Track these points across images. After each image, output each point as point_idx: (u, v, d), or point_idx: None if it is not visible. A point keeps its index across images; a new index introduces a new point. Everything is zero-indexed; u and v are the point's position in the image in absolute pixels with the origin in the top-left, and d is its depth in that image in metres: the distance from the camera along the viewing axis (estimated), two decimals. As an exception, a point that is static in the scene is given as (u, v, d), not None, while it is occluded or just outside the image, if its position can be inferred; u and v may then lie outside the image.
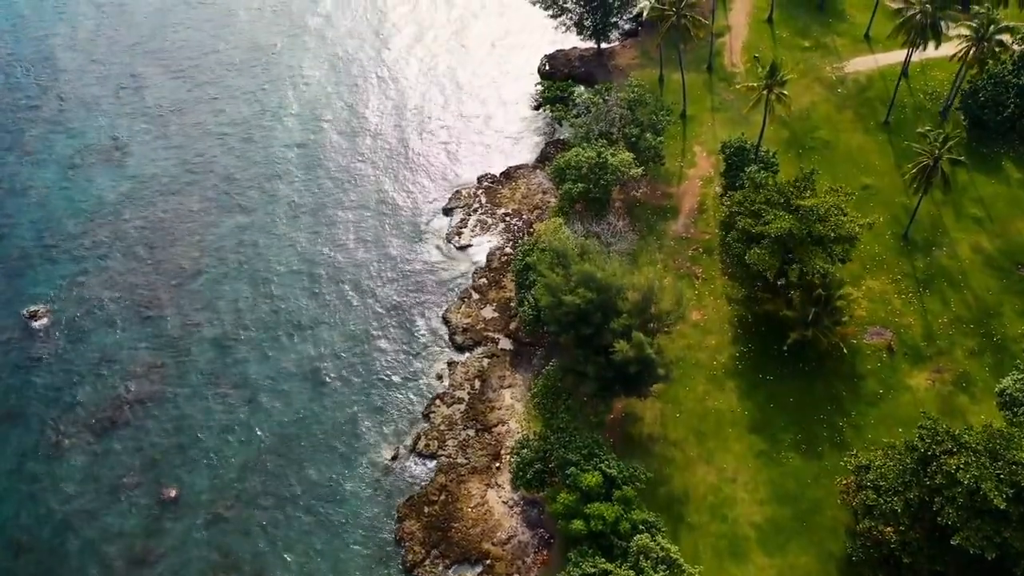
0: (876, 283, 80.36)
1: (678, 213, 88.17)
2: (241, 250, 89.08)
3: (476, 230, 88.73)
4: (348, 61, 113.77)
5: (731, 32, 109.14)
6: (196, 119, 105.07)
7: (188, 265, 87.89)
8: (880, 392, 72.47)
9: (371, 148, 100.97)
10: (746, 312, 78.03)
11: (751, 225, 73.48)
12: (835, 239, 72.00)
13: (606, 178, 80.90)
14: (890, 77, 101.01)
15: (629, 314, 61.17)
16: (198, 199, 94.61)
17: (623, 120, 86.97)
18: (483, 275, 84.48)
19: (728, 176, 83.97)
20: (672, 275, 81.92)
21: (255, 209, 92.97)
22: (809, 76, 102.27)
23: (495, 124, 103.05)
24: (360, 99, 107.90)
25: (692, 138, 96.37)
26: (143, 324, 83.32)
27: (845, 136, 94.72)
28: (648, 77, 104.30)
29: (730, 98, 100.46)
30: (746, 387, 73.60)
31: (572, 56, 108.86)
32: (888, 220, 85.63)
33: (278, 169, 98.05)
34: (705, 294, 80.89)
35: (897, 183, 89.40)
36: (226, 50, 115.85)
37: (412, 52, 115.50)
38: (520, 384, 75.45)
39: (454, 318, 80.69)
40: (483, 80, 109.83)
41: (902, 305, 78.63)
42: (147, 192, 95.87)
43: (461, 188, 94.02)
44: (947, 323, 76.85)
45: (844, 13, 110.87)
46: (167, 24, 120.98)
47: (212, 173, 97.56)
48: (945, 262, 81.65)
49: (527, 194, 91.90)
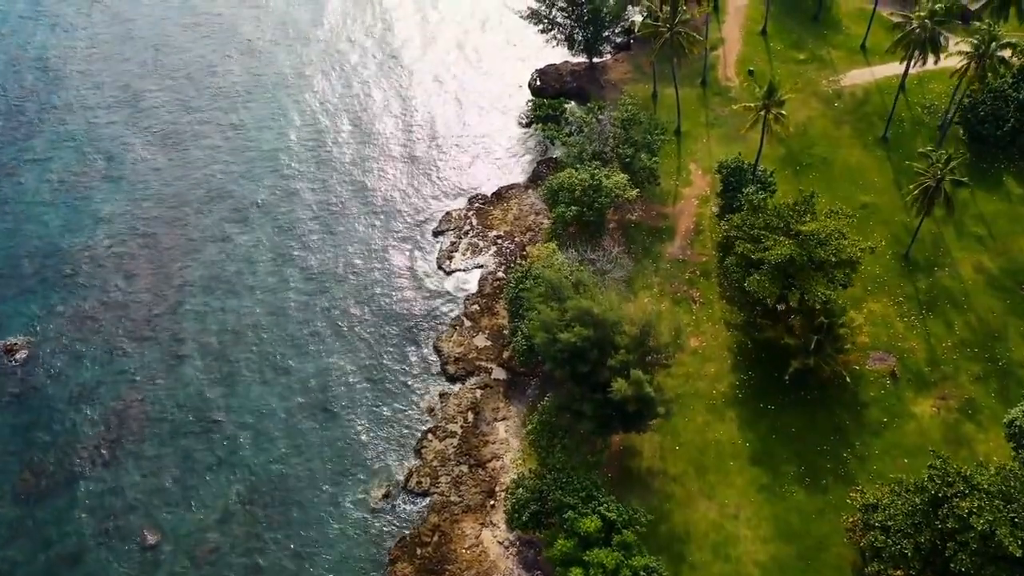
0: (878, 306, 78.44)
1: (674, 234, 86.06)
2: (223, 279, 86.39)
3: (467, 254, 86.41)
4: (333, 83, 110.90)
5: (725, 45, 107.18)
6: (179, 141, 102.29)
7: (170, 294, 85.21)
8: (884, 421, 70.51)
9: (359, 171, 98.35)
10: (745, 338, 75.94)
11: (750, 250, 71.42)
12: (836, 263, 70.02)
13: (600, 201, 78.72)
14: (887, 90, 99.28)
15: (627, 349, 58.98)
16: (180, 225, 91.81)
17: (616, 139, 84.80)
18: (475, 301, 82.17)
19: (725, 196, 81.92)
20: (669, 300, 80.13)
21: (237, 237, 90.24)
22: (805, 90, 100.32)
23: (486, 142, 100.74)
24: (346, 121, 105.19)
25: (687, 155, 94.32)
26: (123, 357, 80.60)
27: (843, 152, 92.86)
28: (641, 92, 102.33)
29: (725, 113, 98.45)
30: (747, 417, 71.53)
31: (563, 71, 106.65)
32: (888, 240, 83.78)
33: (262, 196, 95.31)
34: (703, 319, 78.79)
35: (896, 201, 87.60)
36: (208, 71, 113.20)
37: (399, 70, 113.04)
38: (514, 416, 73.16)
39: (446, 347, 78.34)
40: (473, 97, 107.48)
41: (905, 329, 76.72)
42: (129, 218, 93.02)
43: (452, 210, 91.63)
44: (951, 347, 74.99)
45: (839, 24, 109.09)
46: (162, 44, 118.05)
47: (194, 199, 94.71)
48: (947, 283, 79.82)
49: (519, 215, 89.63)
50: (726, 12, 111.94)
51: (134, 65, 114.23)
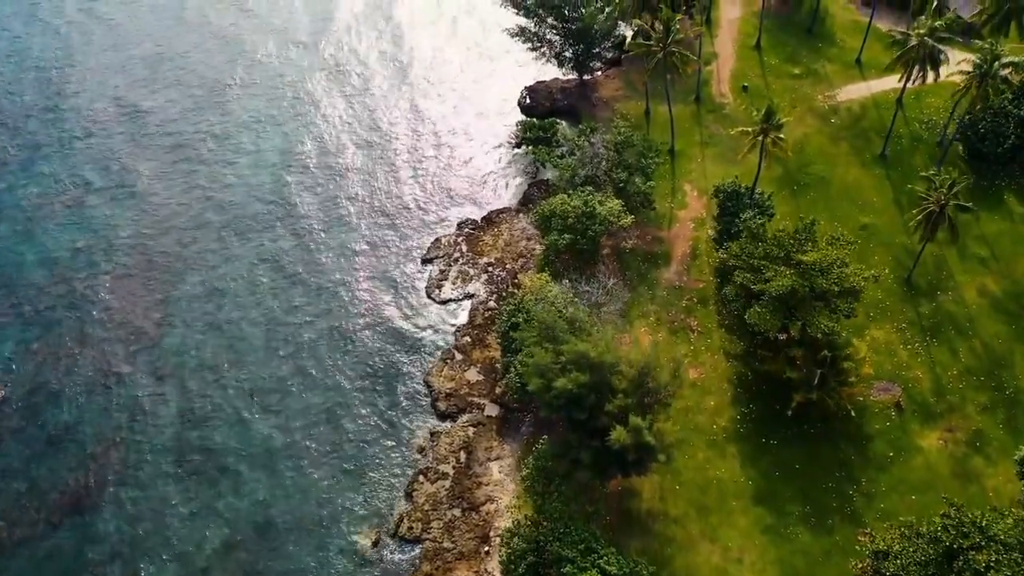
0: (880, 333, 76.25)
1: (670, 259, 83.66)
2: (206, 311, 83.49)
3: (458, 282, 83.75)
4: (317, 103, 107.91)
5: (718, 60, 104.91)
6: (157, 167, 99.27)
7: (150, 328, 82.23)
8: (890, 455, 68.28)
9: (345, 196, 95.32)
10: (746, 369, 73.62)
11: (750, 280, 69.14)
12: (839, 293, 67.79)
13: (594, 228, 76.27)
14: (884, 105, 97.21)
15: (625, 393, 56.49)
16: (160, 255, 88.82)
17: (609, 163, 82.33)
18: (466, 332, 79.52)
19: (722, 221, 79.51)
20: (666, 330, 77.74)
21: (219, 267, 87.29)
22: (801, 106, 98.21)
23: (475, 164, 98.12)
24: (331, 145, 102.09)
25: (681, 176, 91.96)
26: (102, 395, 77.58)
27: (840, 171, 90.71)
28: (634, 109, 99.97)
29: (719, 131, 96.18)
30: (749, 453, 69.17)
31: (553, 88, 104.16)
32: (890, 263, 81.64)
33: (244, 224, 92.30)
34: (702, 349, 76.40)
35: (897, 221, 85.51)
36: (187, 97, 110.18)
37: (385, 88, 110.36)
38: (508, 456, 70.59)
39: (436, 382, 75.69)
40: (460, 117, 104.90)
41: (909, 357, 74.55)
42: (107, 247, 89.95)
43: (441, 236, 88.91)
44: (956, 376, 72.86)
45: (834, 37, 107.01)
46: (141, 63, 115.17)
47: (174, 228, 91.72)
48: (951, 307, 77.71)
49: (510, 241, 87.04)
50: (719, 26, 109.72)
51: (113, 86, 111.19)
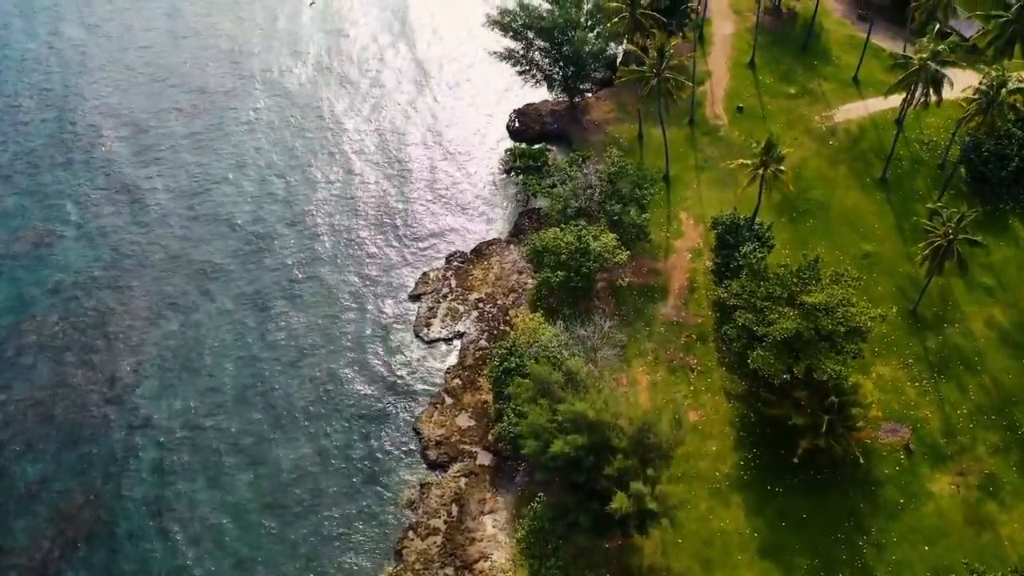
0: (887, 369, 73.49)
1: (667, 293, 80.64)
2: (183, 355, 79.78)
3: (447, 320, 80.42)
4: (295, 133, 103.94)
5: (712, 79, 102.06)
6: (134, 198, 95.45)
7: (125, 374, 78.48)
8: (900, 501, 65.50)
9: (328, 229, 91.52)
10: (748, 410, 70.77)
11: (752, 322, 66.28)
12: (845, 333, 64.98)
13: (588, 265, 73.18)
14: (882, 125, 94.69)
15: (625, 453, 53.38)
16: (137, 295, 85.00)
17: (603, 193, 79.25)
18: (456, 374, 76.22)
19: (721, 254, 76.55)
20: (664, 369, 74.75)
21: (198, 308, 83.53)
22: (797, 127, 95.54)
23: (463, 192, 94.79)
24: (313, 174, 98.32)
25: (677, 203, 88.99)
26: (74, 447, 73.81)
27: (840, 195, 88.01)
28: (626, 133, 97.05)
29: (715, 155, 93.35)
30: (754, 502, 66.21)
31: (543, 111, 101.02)
32: (893, 294, 78.96)
33: (225, 259, 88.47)
34: (702, 389, 73.41)
35: (899, 249, 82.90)
36: (173, 126, 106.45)
37: (367, 113, 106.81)
38: (502, 508, 67.35)
39: (426, 428, 72.37)
40: (448, 141, 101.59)
41: (917, 395, 71.83)
42: (81, 287, 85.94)
43: (429, 271, 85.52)
44: (966, 414, 70.21)
45: (829, 54, 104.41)
46: (113, 86, 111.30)
47: (151, 265, 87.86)
48: (959, 341, 75.06)
49: (501, 275, 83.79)
50: (711, 43, 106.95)
51: (82, 112, 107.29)
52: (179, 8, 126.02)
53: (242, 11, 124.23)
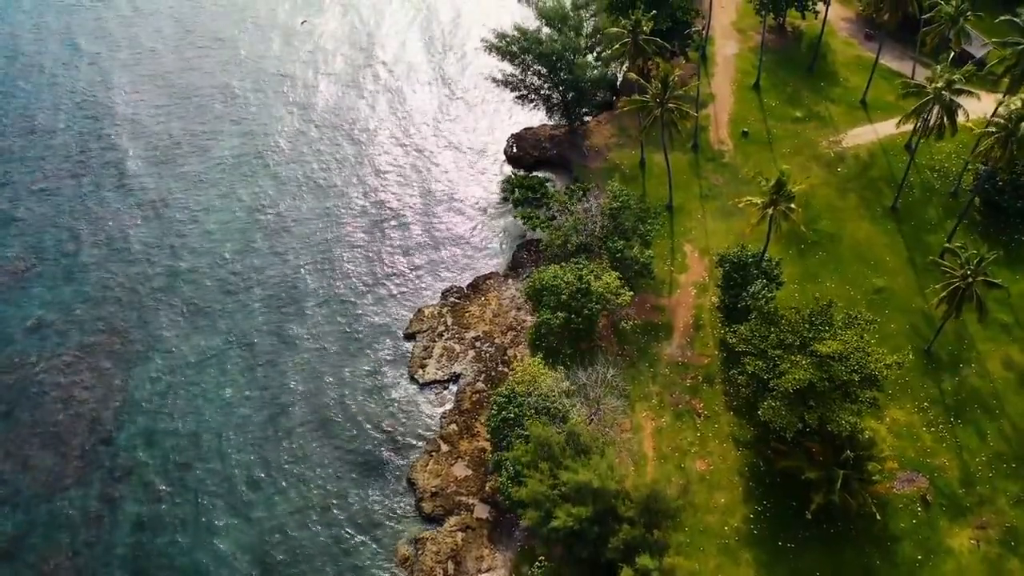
0: (901, 413, 70.45)
1: (671, 331, 77.51)
2: (168, 397, 76.49)
3: (443, 360, 77.21)
4: (285, 158, 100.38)
5: (715, 102, 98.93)
6: (114, 230, 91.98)
7: (107, 419, 75.14)
8: (919, 558, 62.49)
9: (318, 263, 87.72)
10: (758, 459, 67.78)
11: (762, 370, 63.18)
12: (860, 381, 61.92)
13: (590, 307, 70.00)
14: (892, 151, 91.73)
15: (631, 521, 50.24)
16: (121, 333, 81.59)
17: (604, 230, 76.12)
18: (452, 419, 73.04)
19: (728, 294, 73.43)
20: (670, 413, 71.65)
21: (184, 346, 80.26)
22: (804, 153, 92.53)
23: (459, 223, 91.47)
24: (301, 202, 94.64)
25: (681, 235, 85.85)
26: (55, 499, 70.46)
27: (850, 226, 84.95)
28: (628, 159, 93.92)
29: (719, 182, 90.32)
30: (765, 559, 63.11)
31: (542, 135, 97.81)
32: (907, 331, 75.96)
33: (212, 294, 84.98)
34: (709, 436, 70.30)
35: (912, 283, 79.91)
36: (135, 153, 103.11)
37: (361, 139, 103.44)
38: (501, 567, 64.15)
39: (420, 479, 69.15)
40: (442, 168, 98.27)
41: (933, 441, 68.81)
42: (63, 325, 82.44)
43: (423, 307, 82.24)
44: (985, 462, 67.21)
45: (836, 75, 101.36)
46: (92, 110, 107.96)
47: (136, 301, 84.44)
48: (975, 382, 72.08)
49: (498, 312, 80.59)
50: (714, 63, 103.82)
51: (65, 140, 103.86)
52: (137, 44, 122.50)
53: (226, 34, 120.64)
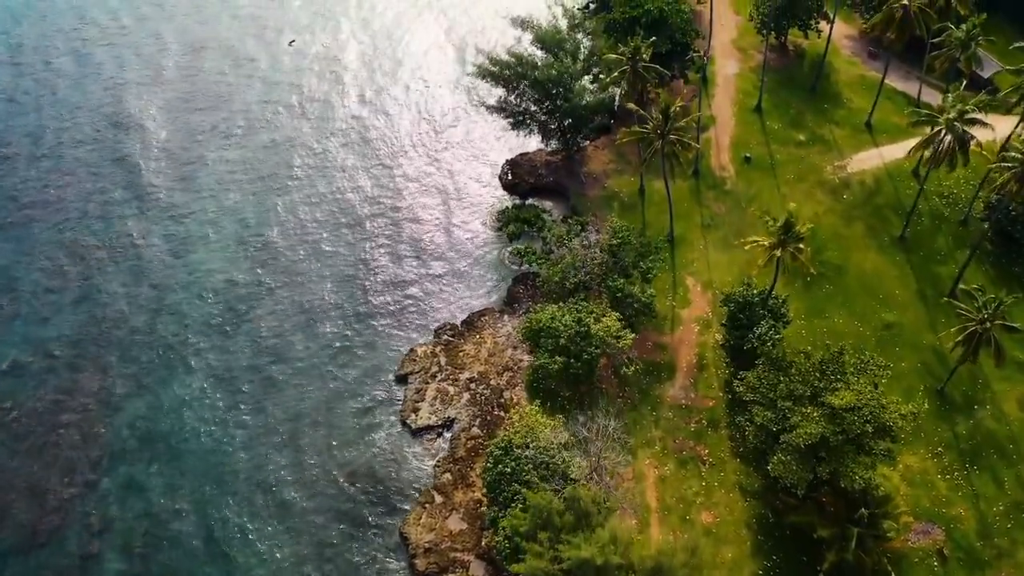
0: (914, 459, 67.58)
1: (674, 371, 74.55)
2: (151, 443, 73.21)
3: (436, 404, 74.08)
4: (271, 190, 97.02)
5: (716, 125, 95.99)
6: (97, 262, 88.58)
7: (86, 468, 71.84)
8: (936, 618, 59.76)
9: (306, 298, 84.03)
10: (766, 509, 64.89)
11: (771, 421, 60.25)
12: (874, 431, 59.00)
13: (590, 351, 66.98)
14: (899, 176, 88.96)
15: (637, 597, 47.30)
16: (99, 374, 78.25)
17: (603, 267, 73.10)
18: (447, 467, 69.93)
19: (733, 335, 70.43)
20: (673, 461, 68.70)
21: (164, 389, 76.87)
22: (808, 179, 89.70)
23: (452, 254, 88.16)
24: (288, 230, 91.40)
25: (682, 267, 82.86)
26: (28, 556, 67.15)
27: (857, 257, 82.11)
28: (627, 186, 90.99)
29: (721, 211, 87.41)
30: (775, 619, 60.35)
31: (537, 161, 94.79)
32: (919, 370, 73.14)
33: (196, 331, 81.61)
34: (714, 485, 67.33)
35: (923, 318, 77.11)
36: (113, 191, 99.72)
37: (350, 167, 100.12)
38: (499, 630, 61.18)
39: (413, 533, 66.04)
40: (436, 197, 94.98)
41: (948, 489, 65.97)
42: (37, 368, 79.02)
43: (417, 346, 79.04)
44: (1003, 512, 64.42)
45: (840, 96, 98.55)
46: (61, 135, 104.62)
47: (115, 340, 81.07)
48: (991, 425, 69.28)
49: (494, 351, 77.48)
50: (715, 84, 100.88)
51: (40, 168, 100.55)
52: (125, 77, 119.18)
53: (212, 53, 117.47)
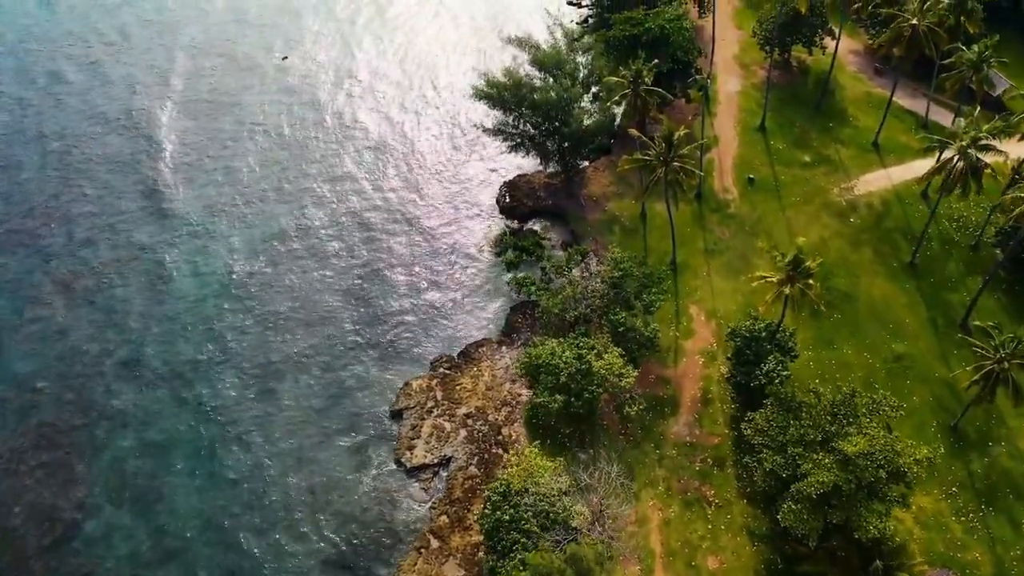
0: (928, 500, 65.14)
1: (678, 407, 72.06)
2: (135, 483, 70.50)
3: (432, 441, 71.53)
4: (258, 212, 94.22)
5: (719, 145, 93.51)
6: (78, 294, 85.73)
7: (68, 511, 69.04)
8: (953, 670, 57.34)
9: (296, 328, 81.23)
10: (775, 554, 62.43)
11: (780, 466, 57.84)
12: (888, 477, 56.63)
13: (591, 390, 64.49)
14: (907, 199, 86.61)
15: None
16: (83, 409, 75.54)
17: (605, 299, 70.61)
18: (443, 509, 67.37)
19: (739, 369, 68.01)
20: (678, 502, 66.21)
21: (150, 427, 74.07)
22: (814, 202, 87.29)
23: (448, 282, 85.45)
24: (275, 259, 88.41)
25: (686, 295, 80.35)
26: (8, 605, 64.74)
27: (866, 283, 79.72)
28: (628, 210, 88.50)
29: (725, 236, 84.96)
30: (786, 673, 57.90)
31: (536, 183, 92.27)
32: (931, 404, 70.75)
33: (182, 365, 78.63)
34: (720, 528, 64.84)
35: (934, 348, 74.73)
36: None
37: (342, 186, 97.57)
38: None
39: (409, 581, 63.52)
40: (431, 220, 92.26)
41: (963, 532, 63.56)
42: (16, 406, 75.86)
43: (412, 380, 76.44)
44: (1021, 556, 62.06)
45: (845, 114, 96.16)
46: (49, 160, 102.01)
47: (101, 372, 78.41)
48: (1007, 464, 66.90)
49: (492, 384, 74.95)
50: (717, 102, 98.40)
51: (28, 193, 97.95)
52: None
53: (198, 72, 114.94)
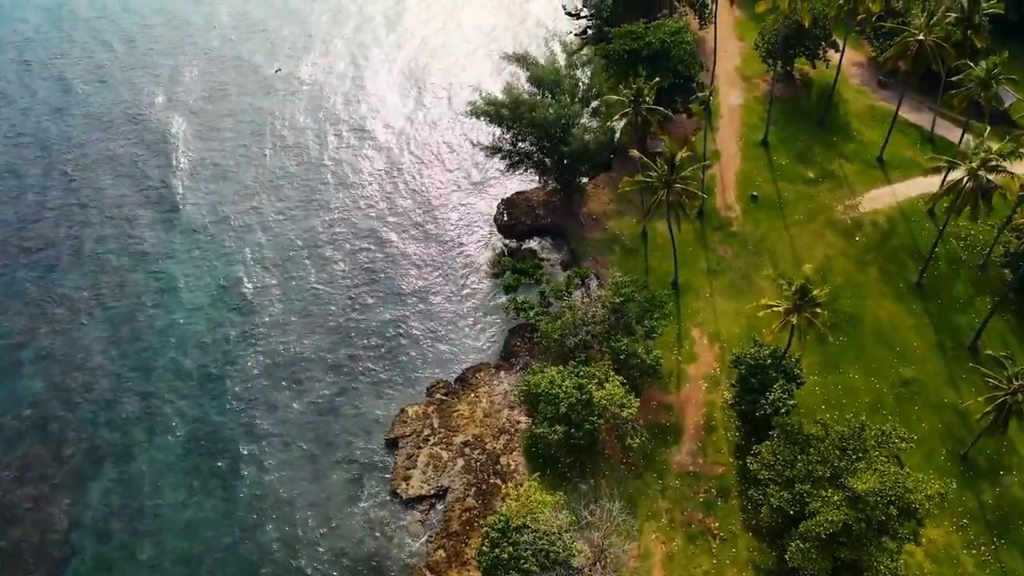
0: (938, 532, 63.38)
1: (680, 435, 70.27)
2: (120, 518, 68.36)
3: (428, 471, 69.66)
4: (248, 229, 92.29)
5: (721, 161, 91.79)
6: (67, 315, 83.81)
7: (54, 547, 67.00)
8: None
9: (290, 352, 79.36)
10: (782, 591, 60.66)
11: (787, 503, 56.11)
12: (899, 513, 54.96)
13: (592, 421, 62.69)
14: (913, 216, 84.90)
15: None
16: (68, 440, 73.57)
17: (606, 325, 68.82)
18: (440, 543, 65.49)
19: (743, 397, 66.25)
20: (681, 535, 64.40)
21: (137, 458, 72.04)
22: (819, 219, 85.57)
23: (445, 303, 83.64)
24: (269, 277, 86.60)
25: (688, 317, 78.58)
26: (-9, 646, 62.78)
27: (872, 305, 78.00)
28: (628, 228, 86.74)
29: (728, 255, 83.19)
30: None
31: (535, 200, 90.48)
32: (940, 431, 69.02)
33: (172, 390, 76.64)
34: (726, 563, 63.00)
35: (942, 372, 73.04)
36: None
37: (337, 204, 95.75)
38: None
39: (405, 619, 61.70)
40: (427, 240, 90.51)
41: (975, 566, 61.82)
42: (3, 429, 74.64)
43: (408, 407, 74.55)
44: (1035, 592, 60.40)
45: (849, 128, 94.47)
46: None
47: (89, 399, 76.47)
48: (1018, 493, 65.23)
49: (490, 411, 73.12)
50: (719, 116, 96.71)
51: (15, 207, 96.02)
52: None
53: (195, 83, 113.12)
